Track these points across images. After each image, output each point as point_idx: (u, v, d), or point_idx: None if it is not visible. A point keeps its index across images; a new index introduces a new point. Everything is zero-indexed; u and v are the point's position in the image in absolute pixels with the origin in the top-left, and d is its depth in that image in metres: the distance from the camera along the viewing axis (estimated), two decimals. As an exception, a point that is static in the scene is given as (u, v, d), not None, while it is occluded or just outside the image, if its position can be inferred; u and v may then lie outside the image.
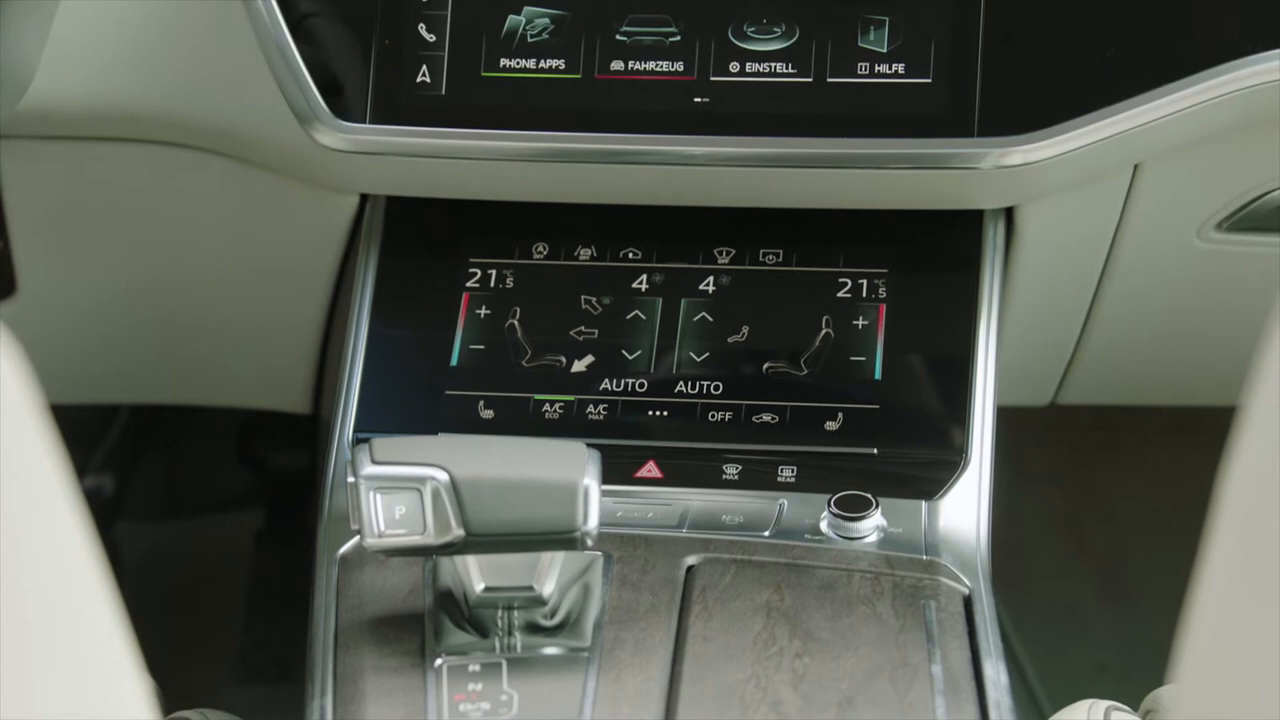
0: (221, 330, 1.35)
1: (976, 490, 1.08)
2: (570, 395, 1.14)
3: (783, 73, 1.10)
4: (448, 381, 1.15)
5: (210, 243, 1.28)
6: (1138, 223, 1.18)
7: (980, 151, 1.08)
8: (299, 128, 1.13)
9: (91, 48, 1.14)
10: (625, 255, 1.18)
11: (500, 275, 1.18)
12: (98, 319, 1.35)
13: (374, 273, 1.19)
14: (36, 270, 1.31)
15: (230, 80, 1.15)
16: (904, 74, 1.09)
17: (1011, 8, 1.09)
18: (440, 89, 1.13)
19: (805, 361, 1.13)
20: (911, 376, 1.12)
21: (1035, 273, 1.18)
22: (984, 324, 1.13)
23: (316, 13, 1.13)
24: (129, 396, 1.51)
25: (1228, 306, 1.26)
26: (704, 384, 1.13)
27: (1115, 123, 1.07)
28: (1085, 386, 1.33)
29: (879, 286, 1.15)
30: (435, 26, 1.13)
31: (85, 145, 1.22)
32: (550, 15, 1.12)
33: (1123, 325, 1.26)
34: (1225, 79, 1.07)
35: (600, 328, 1.16)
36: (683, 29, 1.11)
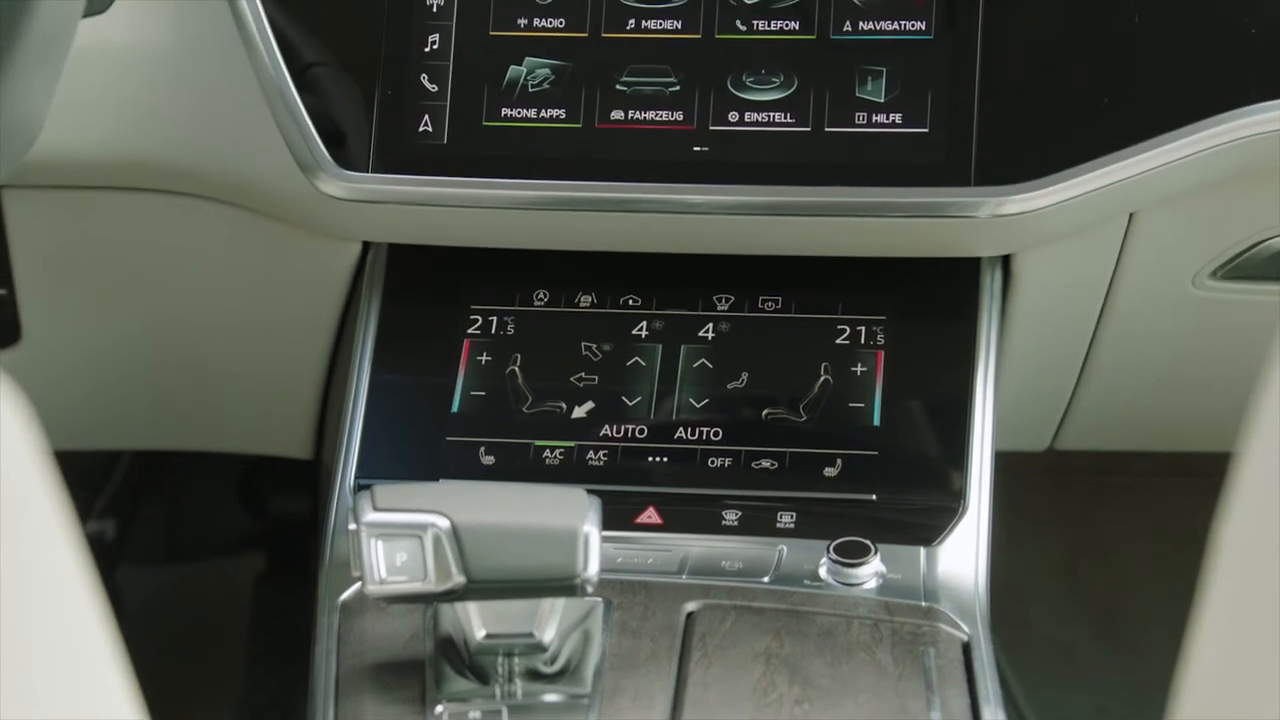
0: (224, 376, 1.36)
1: (975, 536, 1.08)
2: (570, 441, 1.14)
3: (781, 122, 1.11)
4: (449, 428, 1.15)
5: (213, 289, 1.29)
6: (1133, 270, 1.18)
7: (977, 200, 1.09)
8: (302, 177, 1.14)
9: (98, 99, 1.16)
10: (625, 302, 1.19)
11: (501, 322, 1.19)
12: (101, 365, 1.36)
13: (376, 319, 1.20)
14: (41, 317, 1.32)
15: (234, 130, 1.16)
16: (901, 124, 1.10)
17: (1007, 58, 1.10)
18: (442, 138, 1.14)
19: (804, 408, 1.14)
20: (910, 423, 1.13)
21: (1032, 319, 1.19)
22: (982, 370, 1.14)
23: (320, 63, 1.14)
24: (131, 442, 1.51)
25: (1223, 353, 1.26)
26: (703, 430, 1.14)
27: (1111, 172, 1.08)
28: (1083, 432, 1.34)
29: (877, 333, 1.16)
30: (437, 77, 1.14)
31: (90, 194, 1.23)
32: (551, 65, 1.14)
33: (1119, 371, 1.27)
34: (1220, 129, 1.07)
35: (600, 374, 1.16)
36: (682, 79, 1.12)
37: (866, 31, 1.11)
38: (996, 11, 1.10)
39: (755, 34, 1.12)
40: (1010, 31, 1.10)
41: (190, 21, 1.16)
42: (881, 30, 1.11)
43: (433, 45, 1.14)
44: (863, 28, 1.11)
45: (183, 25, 1.16)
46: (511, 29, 1.14)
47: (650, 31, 1.13)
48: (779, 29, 1.12)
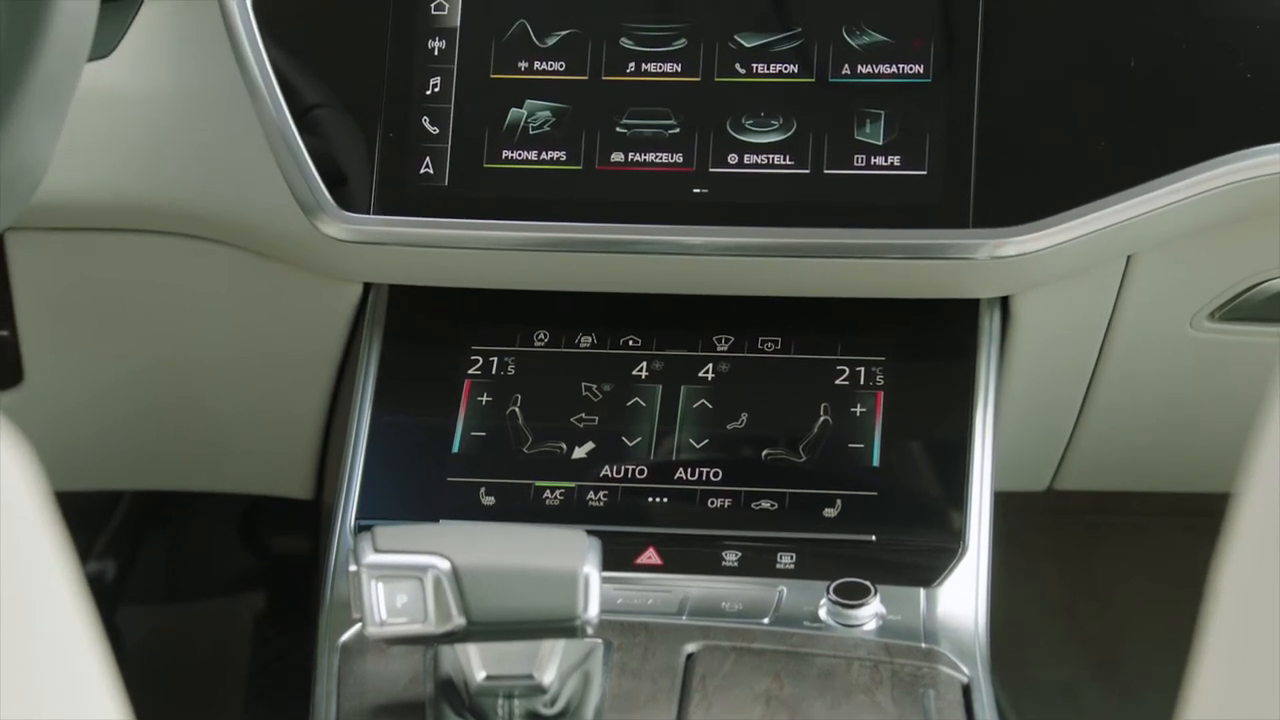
0: (225, 417, 1.36)
1: (975, 577, 1.09)
2: (571, 482, 1.14)
3: (780, 164, 1.12)
4: (449, 468, 1.16)
5: (215, 330, 1.29)
6: (1131, 312, 1.19)
7: (975, 242, 1.10)
8: (304, 218, 1.14)
9: (101, 142, 1.16)
10: (625, 343, 1.19)
11: (502, 363, 1.19)
12: (102, 406, 1.36)
13: (376, 360, 1.20)
14: (43, 358, 1.32)
15: (236, 172, 1.16)
16: (899, 166, 1.11)
17: (1004, 101, 1.10)
18: (443, 180, 1.14)
19: (804, 448, 1.14)
20: (909, 463, 1.13)
21: (1031, 360, 1.20)
22: (981, 411, 1.14)
23: (322, 106, 1.15)
24: (132, 483, 1.51)
25: (1222, 394, 1.26)
26: (703, 470, 1.14)
27: (1108, 214, 1.09)
28: (1082, 472, 1.34)
29: (876, 374, 1.16)
30: (439, 119, 1.15)
31: (92, 235, 1.24)
32: (552, 108, 1.14)
33: (1118, 412, 1.27)
34: (1217, 173, 1.08)
35: (600, 415, 1.17)
36: (682, 121, 1.13)
37: (865, 75, 1.12)
38: (994, 55, 1.10)
39: (754, 77, 1.13)
40: (1008, 75, 1.10)
41: (193, 64, 1.17)
42: (880, 73, 1.12)
43: (434, 88, 1.15)
44: (861, 71, 1.12)
45: (186, 68, 1.17)
46: (512, 72, 1.15)
47: (650, 75, 1.14)
48: (778, 72, 1.13)
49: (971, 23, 1.11)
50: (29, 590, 0.60)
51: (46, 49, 0.88)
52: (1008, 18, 1.11)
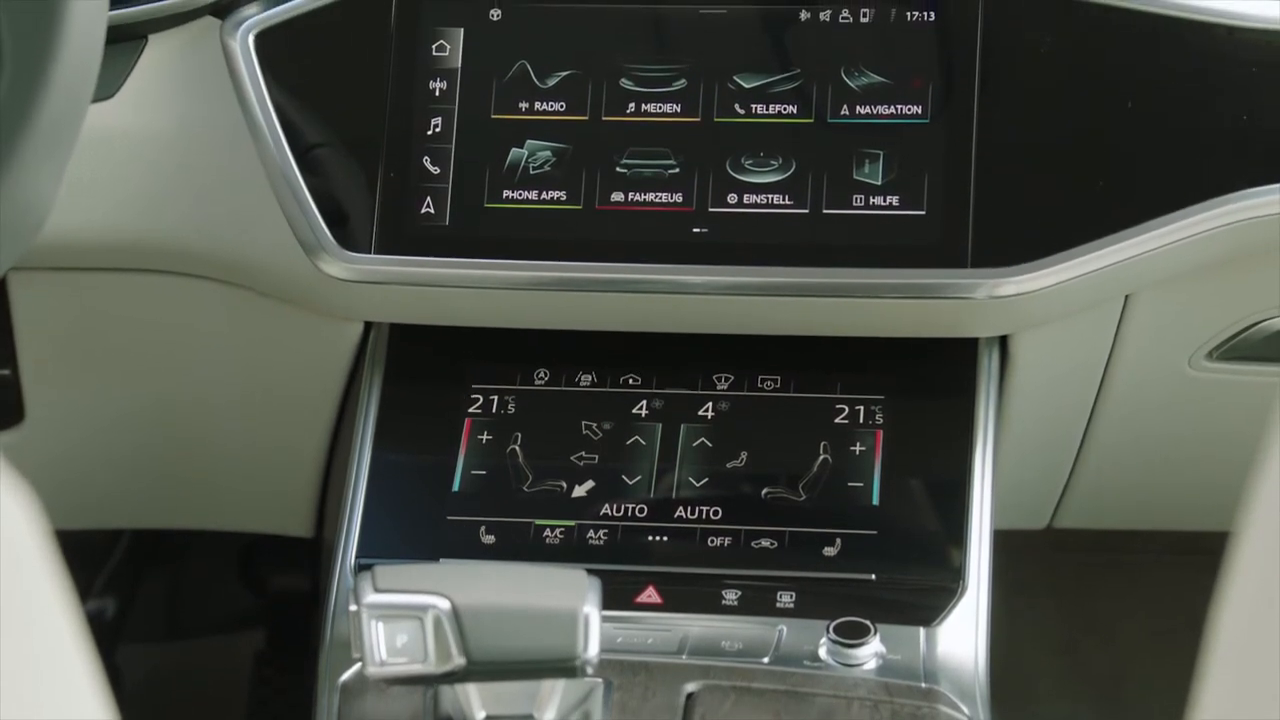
0: (225, 455, 1.36)
1: (975, 616, 1.09)
2: (571, 520, 1.14)
3: (779, 204, 1.12)
4: (450, 507, 1.16)
5: (215, 369, 1.29)
6: (1130, 351, 1.19)
7: (974, 282, 1.10)
8: (305, 258, 1.15)
9: (103, 183, 1.17)
10: (625, 381, 1.19)
11: (502, 401, 1.19)
12: (103, 445, 1.36)
13: (377, 398, 1.20)
14: (43, 397, 1.32)
15: (238, 212, 1.17)
16: (898, 206, 1.11)
17: (1003, 141, 1.11)
18: (444, 219, 1.15)
19: (804, 487, 1.14)
20: (909, 502, 1.13)
21: (1030, 399, 1.20)
22: (980, 450, 1.14)
23: (323, 146, 1.15)
24: (132, 521, 1.51)
25: (1221, 433, 1.27)
26: (703, 509, 1.14)
27: (1107, 254, 1.09)
28: (1082, 511, 1.34)
29: (876, 413, 1.16)
30: (439, 159, 1.15)
31: (93, 275, 1.24)
32: (552, 148, 1.15)
33: (1117, 451, 1.28)
34: (1214, 213, 1.08)
35: (601, 453, 1.17)
36: (681, 161, 1.14)
37: (864, 115, 1.12)
38: (992, 96, 1.11)
39: (754, 117, 1.13)
40: (1006, 115, 1.11)
41: (196, 105, 1.17)
42: (879, 114, 1.12)
43: (435, 128, 1.15)
44: (860, 111, 1.13)
45: (188, 109, 1.17)
46: (513, 112, 1.15)
47: (650, 115, 1.14)
48: (777, 112, 1.13)
49: (969, 64, 1.11)
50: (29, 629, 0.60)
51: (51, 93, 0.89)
52: (1005, 59, 1.11)
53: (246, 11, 1.16)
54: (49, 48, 0.88)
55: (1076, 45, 1.11)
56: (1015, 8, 1.11)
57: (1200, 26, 1.09)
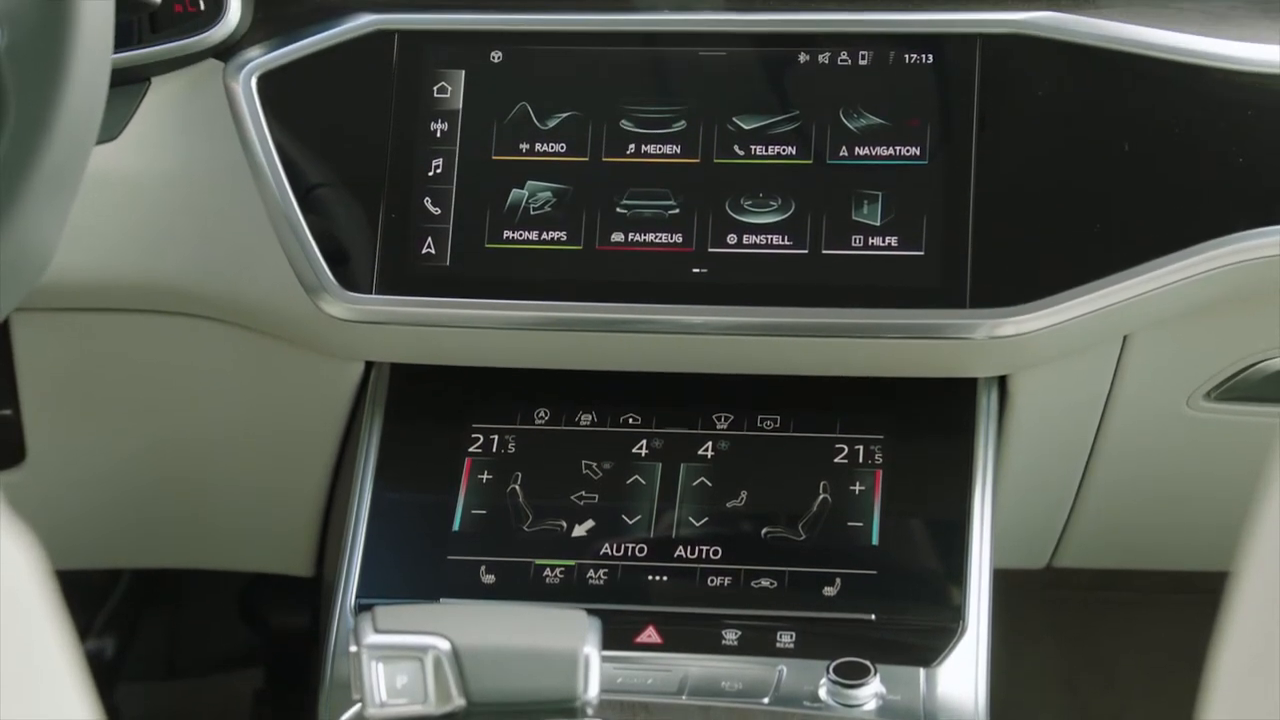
0: (225, 494, 1.37)
1: (974, 657, 1.09)
2: (571, 560, 1.15)
3: (779, 244, 1.13)
4: (450, 546, 1.16)
5: (216, 408, 1.30)
6: (1128, 391, 1.19)
7: (972, 322, 1.10)
8: (306, 298, 1.15)
9: (105, 224, 1.17)
10: (625, 421, 1.20)
11: (502, 441, 1.20)
12: (103, 484, 1.36)
13: (377, 438, 1.21)
14: (45, 437, 1.33)
15: (239, 252, 1.17)
16: (897, 247, 1.12)
17: (1001, 183, 1.11)
18: (445, 260, 1.15)
19: (803, 526, 1.14)
20: (908, 542, 1.13)
21: (1029, 439, 1.20)
22: (979, 489, 1.15)
23: (325, 187, 1.16)
24: (132, 561, 1.51)
25: (1220, 473, 1.27)
26: (703, 548, 1.15)
27: (1104, 295, 1.09)
28: (1082, 550, 1.34)
29: (875, 452, 1.16)
30: (440, 200, 1.16)
31: (96, 316, 1.25)
32: (552, 189, 1.15)
33: (1117, 490, 1.28)
34: (1211, 255, 1.09)
35: (600, 492, 1.17)
36: (681, 202, 1.14)
37: (863, 156, 1.13)
38: (990, 138, 1.12)
39: (753, 158, 1.14)
40: (1003, 157, 1.11)
41: (198, 146, 1.18)
42: (877, 155, 1.13)
43: (436, 169, 1.16)
44: (859, 153, 1.13)
45: (190, 150, 1.18)
46: (514, 153, 1.16)
47: (650, 156, 1.15)
48: (776, 154, 1.14)
49: (967, 106, 1.12)
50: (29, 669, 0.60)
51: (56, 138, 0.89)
52: (1003, 101, 1.12)
53: (249, 54, 1.17)
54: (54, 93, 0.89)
55: (1073, 88, 1.11)
56: (1012, 51, 1.12)
57: (1195, 70, 1.10)
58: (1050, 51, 1.11)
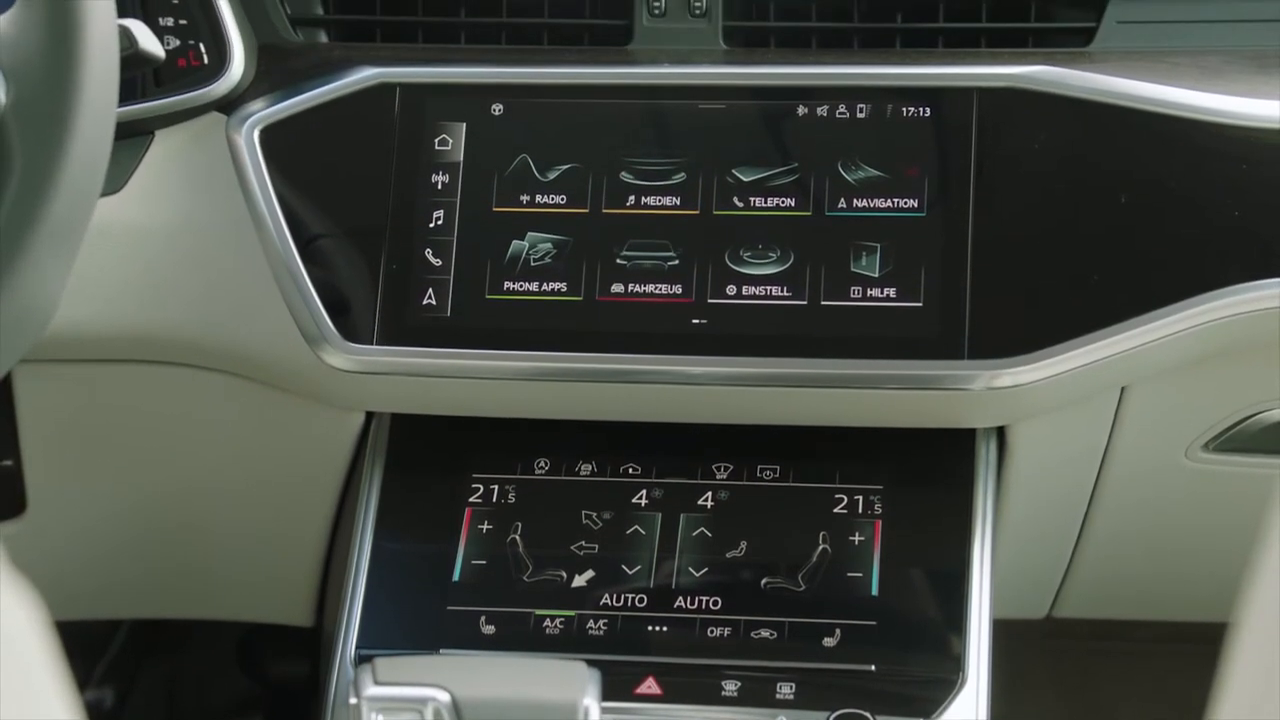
0: (226, 544, 1.37)
1: (975, 707, 1.09)
2: (571, 610, 1.15)
3: (778, 295, 1.13)
4: (450, 597, 1.16)
5: (217, 459, 1.30)
6: (1126, 443, 1.20)
7: (971, 374, 1.11)
8: (307, 348, 1.16)
9: (109, 276, 1.18)
10: (625, 471, 1.20)
11: (503, 490, 1.20)
12: (103, 535, 1.36)
13: (378, 488, 1.21)
14: (46, 488, 1.33)
15: (241, 303, 1.18)
16: (895, 298, 1.12)
17: (998, 235, 1.12)
18: (445, 311, 1.15)
19: (803, 577, 1.15)
20: (908, 593, 1.14)
21: (1028, 489, 1.20)
22: (979, 540, 1.15)
23: (326, 239, 1.17)
24: (132, 611, 1.51)
25: (1219, 524, 1.27)
26: (703, 599, 1.15)
27: (1102, 347, 1.10)
28: (1081, 600, 1.34)
29: (874, 503, 1.17)
30: (441, 251, 1.16)
31: (98, 367, 1.25)
32: (553, 240, 1.16)
33: (1116, 541, 1.28)
34: (1207, 308, 1.09)
35: (600, 543, 1.17)
36: (681, 253, 1.15)
37: (861, 208, 1.14)
38: (987, 190, 1.12)
39: (752, 210, 1.15)
40: (1001, 209, 1.12)
41: (201, 198, 1.19)
42: (875, 207, 1.14)
43: (437, 220, 1.16)
44: (857, 204, 1.14)
45: (193, 202, 1.19)
46: (514, 205, 1.16)
47: (650, 208, 1.15)
48: (775, 205, 1.14)
49: (964, 159, 1.13)
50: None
51: (60, 192, 0.90)
52: (999, 154, 1.12)
53: (252, 107, 1.18)
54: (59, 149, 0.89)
55: (1070, 141, 1.12)
56: (1009, 105, 1.12)
57: (1191, 124, 1.11)
58: (1047, 105, 1.12)
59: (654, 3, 1.21)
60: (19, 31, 0.91)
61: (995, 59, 1.15)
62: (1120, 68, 1.13)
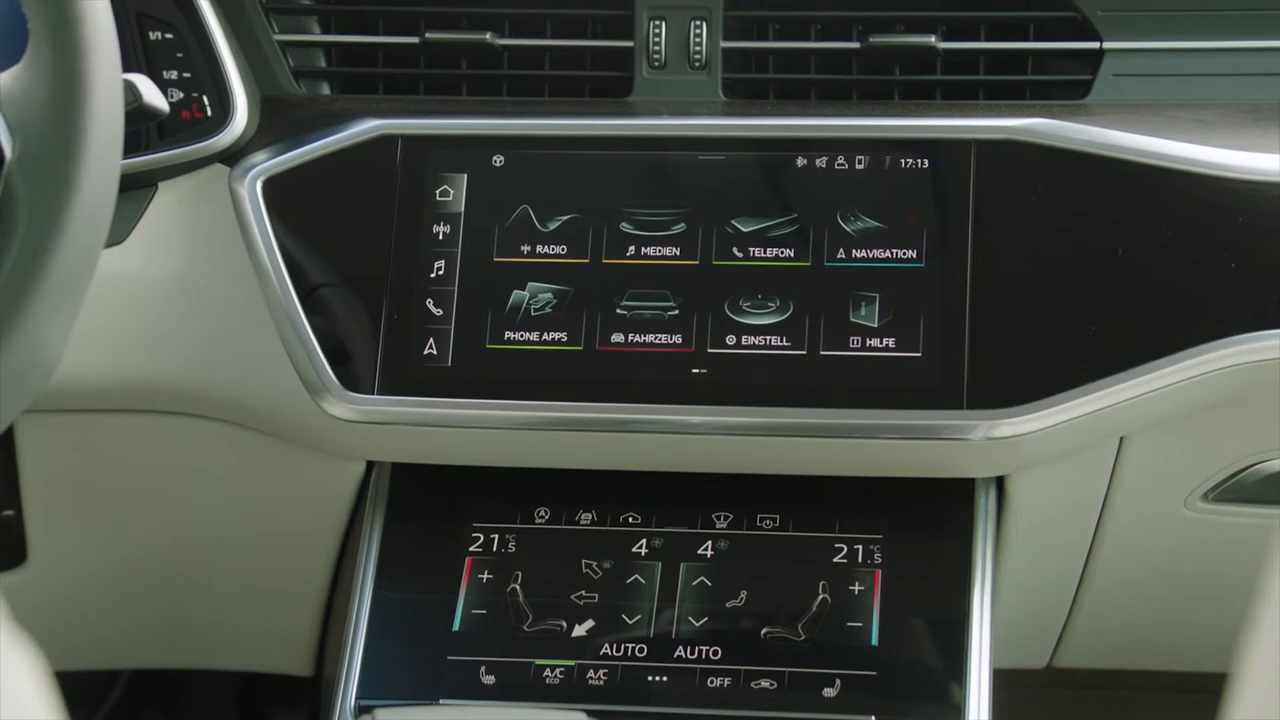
0: (226, 594, 1.37)
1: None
2: (571, 660, 1.15)
3: (777, 345, 1.14)
4: (450, 646, 1.16)
5: (218, 508, 1.30)
6: (1125, 493, 1.20)
7: (970, 424, 1.11)
8: (308, 398, 1.16)
9: (112, 328, 1.18)
10: (625, 520, 1.20)
11: (503, 540, 1.20)
12: (104, 585, 1.36)
13: (379, 537, 1.21)
14: (47, 537, 1.33)
15: (243, 354, 1.18)
16: (894, 348, 1.13)
17: (996, 286, 1.12)
18: (446, 360, 1.16)
19: (803, 626, 1.15)
20: (908, 642, 1.13)
21: (1027, 539, 1.20)
22: (978, 590, 1.15)
23: (328, 289, 1.17)
24: (132, 661, 1.51)
25: (1218, 574, 1.27)
26: (703, 649, 1.15)
27: (1100, 397, 1.10)
28: (1081, 650, 1.34)
29: (874, 552, 1.17)
30: (442, 301, 1.17)
31: (99, 417, 1.25)
32: (553, 290, 1.16)
33: (1115, 591, 1.28)
34: (1204, 359, 1.10)
35: (601, 592, 1.17)
36: (680, 303, 1.15)
37: (860, 259, 1.14)
38: (985, 241, 1.13)
39: (751, 260, 1.15)
40: (999, 260, 1.12)
41: (203, 249, 1.19)
42: (874, 258, 1.14)
43: (438, 271, 1.17)
44: (856, 255, 1.14)
45: (195, 253, 1.19)
46: (515, 255, 1.17)
47: (650, 258, 1.16)
48: (775, 256, 1.15)
49: (963, 210, 1.13)
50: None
51: (64, 246, 0.90)
52: (998, 206, 1.13)
53: (254, 158, 1.19)
54: (63, 203, 0.90)
55: (1067, 193, 1.13)
56: (1007, 157, 1.13)
57: (1187, 176, 1.11)
58: (1044, 158, 1.13)
59: (654, 55, 1.22)
60: (25, 86, 0.92)
61: (992, 111, 1.16)
62: (1117, 120, 1.14)
